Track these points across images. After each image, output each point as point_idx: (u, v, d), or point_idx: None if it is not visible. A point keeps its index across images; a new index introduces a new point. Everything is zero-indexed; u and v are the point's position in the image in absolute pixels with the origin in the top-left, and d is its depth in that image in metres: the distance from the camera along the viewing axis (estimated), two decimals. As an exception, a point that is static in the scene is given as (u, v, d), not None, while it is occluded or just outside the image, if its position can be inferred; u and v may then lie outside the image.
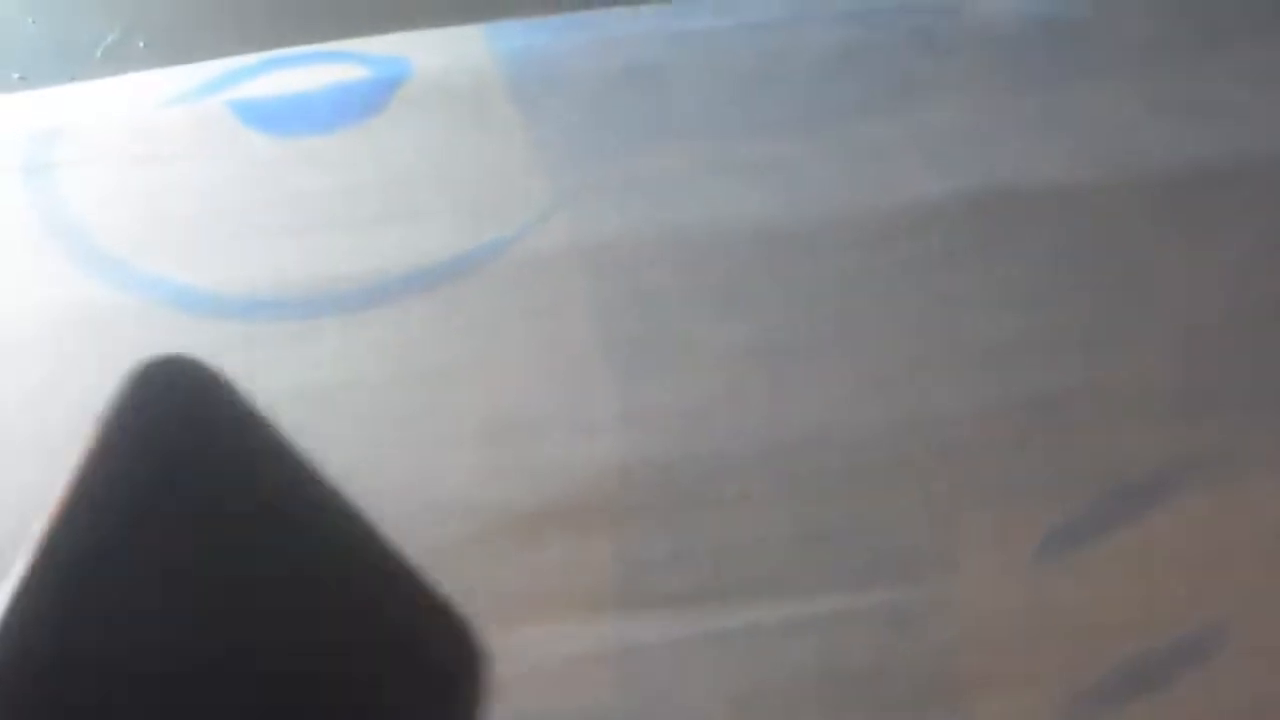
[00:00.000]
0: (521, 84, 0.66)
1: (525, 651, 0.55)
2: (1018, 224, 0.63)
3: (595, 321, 0.61)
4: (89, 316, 0.61)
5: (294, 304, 0.61)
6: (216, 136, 0.65)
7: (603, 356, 0.60)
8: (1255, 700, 0.57)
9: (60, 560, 0.33)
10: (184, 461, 0.35)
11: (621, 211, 0.63)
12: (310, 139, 0.65)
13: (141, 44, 0.71)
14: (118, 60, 0.71)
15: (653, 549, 0.57)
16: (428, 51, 0.67)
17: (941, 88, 0.66)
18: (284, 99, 0.66)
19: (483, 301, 0.61)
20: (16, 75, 0.71)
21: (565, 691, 0.55)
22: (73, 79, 0.68)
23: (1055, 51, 0.67)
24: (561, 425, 0.59)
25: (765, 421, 0.60)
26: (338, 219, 0.63)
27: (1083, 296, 0.62)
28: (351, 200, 0.63)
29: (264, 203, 0.63)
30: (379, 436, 0.59)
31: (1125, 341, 0.61)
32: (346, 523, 0.37)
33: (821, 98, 0.66)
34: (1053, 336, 0.62)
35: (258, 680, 0.35)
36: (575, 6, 0.69)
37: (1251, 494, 0.59)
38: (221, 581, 0.35)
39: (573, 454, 0.59)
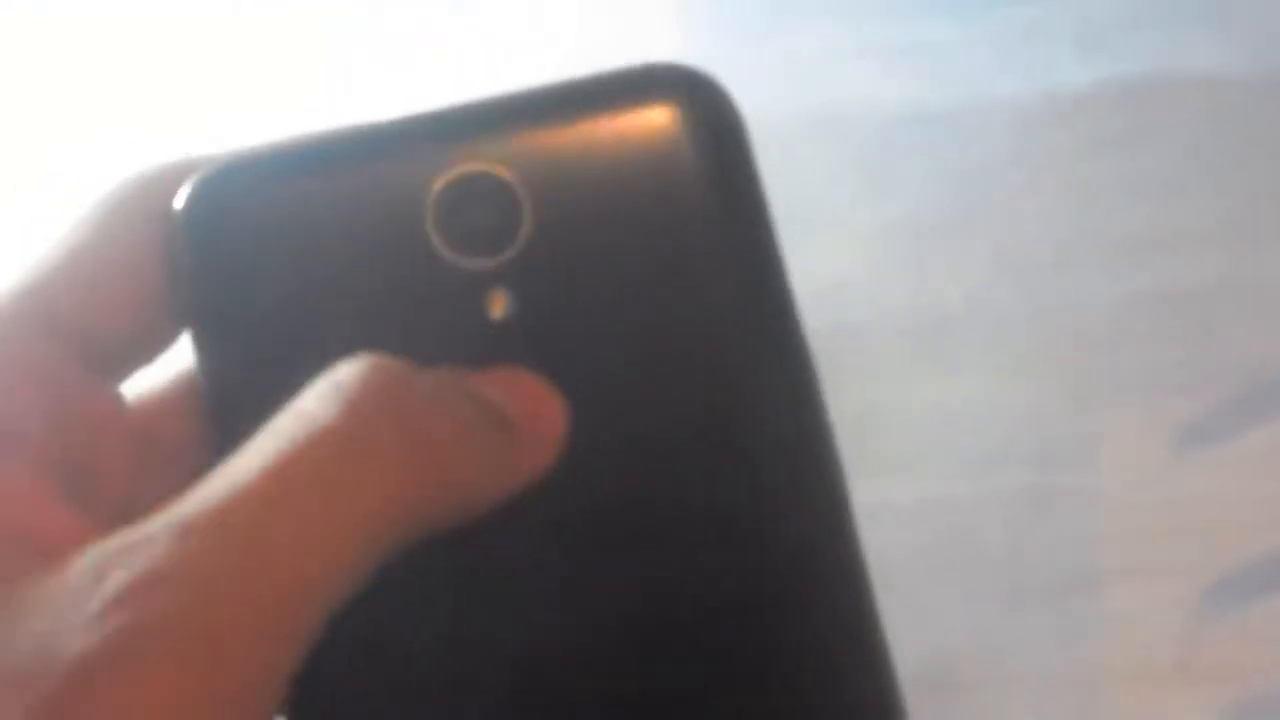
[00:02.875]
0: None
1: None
2: (1167, 114, 0.62)
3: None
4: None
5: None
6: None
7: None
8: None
9: None
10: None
11: (767, 88, 0.63)
12: None
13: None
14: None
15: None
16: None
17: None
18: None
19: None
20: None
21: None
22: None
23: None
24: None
25: (906, 300, 0.60)
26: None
27: (1230, 191, 0.61)
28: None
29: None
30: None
31: (1270, 238, 0.60)
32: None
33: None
34: (1197, 230, 0.60)
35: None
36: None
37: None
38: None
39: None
